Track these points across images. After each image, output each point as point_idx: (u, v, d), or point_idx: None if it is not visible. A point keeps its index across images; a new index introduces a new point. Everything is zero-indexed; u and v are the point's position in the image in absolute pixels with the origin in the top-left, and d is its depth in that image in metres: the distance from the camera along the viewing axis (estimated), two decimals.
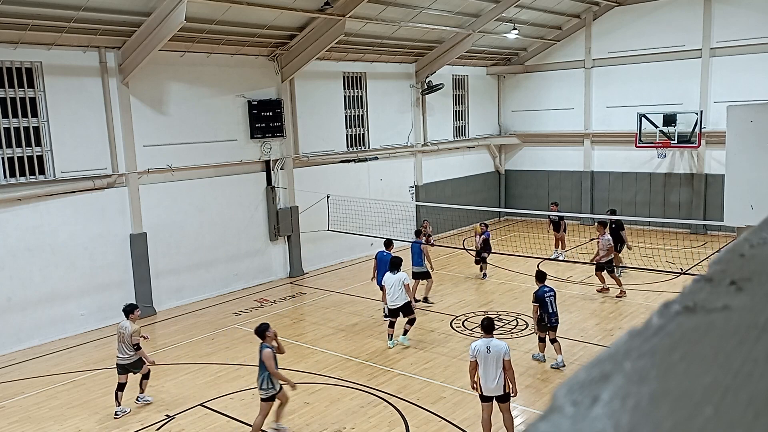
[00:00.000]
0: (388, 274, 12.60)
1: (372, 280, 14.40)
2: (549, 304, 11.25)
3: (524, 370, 11.22)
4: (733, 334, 0.63)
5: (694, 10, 21.23)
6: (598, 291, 15.63)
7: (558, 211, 18.95)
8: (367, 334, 13.45)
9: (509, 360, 8.53)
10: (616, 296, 15.21)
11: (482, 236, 17.00)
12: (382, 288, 13.12)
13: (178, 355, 12.61)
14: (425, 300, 15.11)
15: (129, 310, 10.39)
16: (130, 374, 10.34)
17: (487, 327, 8.76)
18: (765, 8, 19.94)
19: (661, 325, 0.67)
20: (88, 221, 14.22)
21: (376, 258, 14.32)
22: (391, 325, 12.63)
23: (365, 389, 10.72)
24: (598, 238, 15.50)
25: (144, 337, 10.57)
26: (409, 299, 12.47)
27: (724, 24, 20.77)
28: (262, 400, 9.03)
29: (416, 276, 15.05)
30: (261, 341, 9.06)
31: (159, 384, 11.26)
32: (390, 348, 12.50)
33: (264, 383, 8.92)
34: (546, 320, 11.29)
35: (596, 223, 16.62)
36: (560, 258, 18.44)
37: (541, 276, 11.66)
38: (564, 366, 11.25)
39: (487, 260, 17.42)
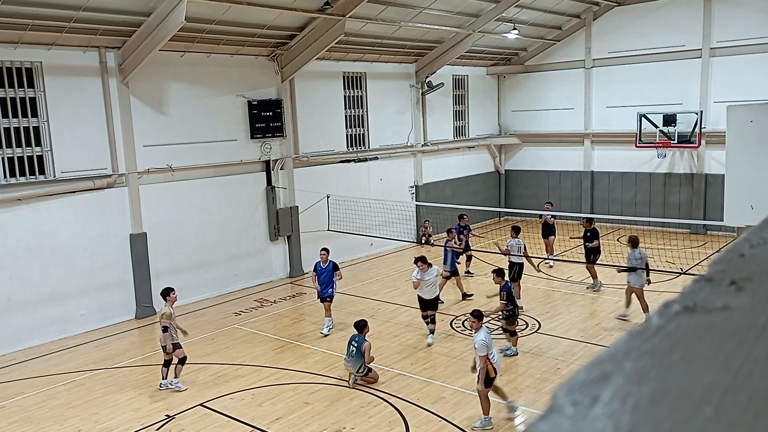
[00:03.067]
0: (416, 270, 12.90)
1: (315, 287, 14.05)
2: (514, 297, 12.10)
3: (524, 370, 11.22)
4: (733, 334, 0.63)
5: (694, 10, 21.23)
6: (587, 288, 15.98)
7: (551, 212, 18.80)
8: (366, 334, 13.42)
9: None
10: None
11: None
12: (323, 300, 13.67)
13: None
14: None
15: (164, 294, 11.08)
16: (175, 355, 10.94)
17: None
18: (765, 8, 19.94)
19: (661, 325, 0.67)
20: (88, 221, 14.22)
21: (315, 270, 14.03)
22: (429, 319, 12.94)
23: (365, 389, 10.72)
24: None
25: (182, 331, 11.06)
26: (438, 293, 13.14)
27: (724, 24, 20.77)
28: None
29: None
30: (359, 334, 10.98)
31: (159, 384, 11.26)
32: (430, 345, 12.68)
33: (361, 369, 10.80)
34: (513, 313, 11.87)
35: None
36: (550, 264, 18.21)
37: (501, 272, 12.07)
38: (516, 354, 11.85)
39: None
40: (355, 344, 10.84)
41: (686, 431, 0.51)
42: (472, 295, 15.52)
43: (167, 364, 10.95)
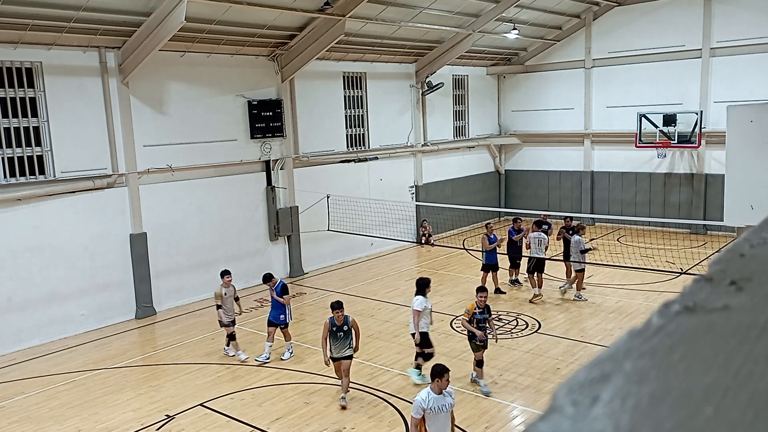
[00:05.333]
0: (421, 299, 10.95)
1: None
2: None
3: (524, 370, 11.22)
4: (733, 334, 0.63)
5: (694, 10, 21.23)
6: (531, 301, 15.08)
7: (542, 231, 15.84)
8: (367, 334, 13.44)
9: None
10: (530, 300, 15.06)
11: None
12: (270, 324, 12.12)
13: (178, 355, 12.61)
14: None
15: (221, 275, 12.43)
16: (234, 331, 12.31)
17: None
18: (765, 8, 19.94)
19: (661, 325, 0.67)
20: (88, 221, 14.22)
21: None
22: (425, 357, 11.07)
23: (365, 389, 10.72)
24: (526, 233, 15.62)
25: (239, 308, 12.48)
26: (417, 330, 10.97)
27: (724, 24, 20.77)
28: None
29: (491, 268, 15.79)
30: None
31: (159, 384, 11.27)
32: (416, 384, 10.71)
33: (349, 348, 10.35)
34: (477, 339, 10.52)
35: (533, 223, 15.87)
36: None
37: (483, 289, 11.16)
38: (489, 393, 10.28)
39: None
40: (345, 325, 10.23)
41: (686, 431, 0.51)
42: (505, 292, 15.95)
43: (232, 337, 12.31)
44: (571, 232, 15.27)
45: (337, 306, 10.39)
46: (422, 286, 10.98)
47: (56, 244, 13.74)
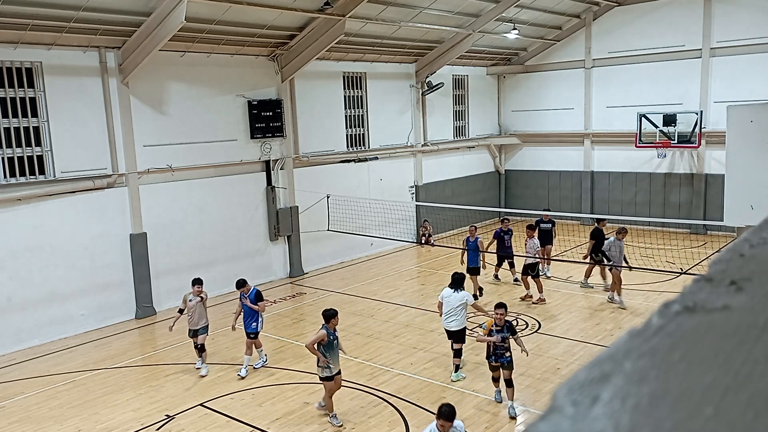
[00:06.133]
0: (447, 290, 11.19)
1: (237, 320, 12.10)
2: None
3: (524, 370, 11.21)
4: (733, 334, 0.63)
5: (694, 10, 21.23)
6: (521, 299, 15.11)
7: (549, 221, 17.04)
8: (367, 334, 13.45)
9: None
10: (534, 302, 14.88)
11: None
12: (249, 336, 11.65)
13: (178, 355, 12.61)
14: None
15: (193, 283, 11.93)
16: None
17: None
18: (765, 8, 19.94)
19: (661, 325, 0.67)
20: (88, 221, 14.22)
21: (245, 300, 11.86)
22: (457, 354, 11.12)
23: (365, 389, 10.72)
24: (525, 241, 15.30)
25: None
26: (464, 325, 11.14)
27: (724, 24, 20.77)
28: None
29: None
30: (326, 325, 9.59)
31: (159, 384, 11.27)
32: (453, 381, 10.91)
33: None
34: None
35: (526, 227, 15.78)
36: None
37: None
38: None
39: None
40: (334, 338, 9.59)
41: (686, 431, 0.51)
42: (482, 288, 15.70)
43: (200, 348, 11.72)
44: (612, 237, 14.49)
45: (334, 314, 9.60)
46: (456, 281, 11.19)
47: (56, 244, 13.73)
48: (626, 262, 14.54)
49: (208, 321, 11.89)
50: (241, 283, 11.76)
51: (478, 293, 15.14)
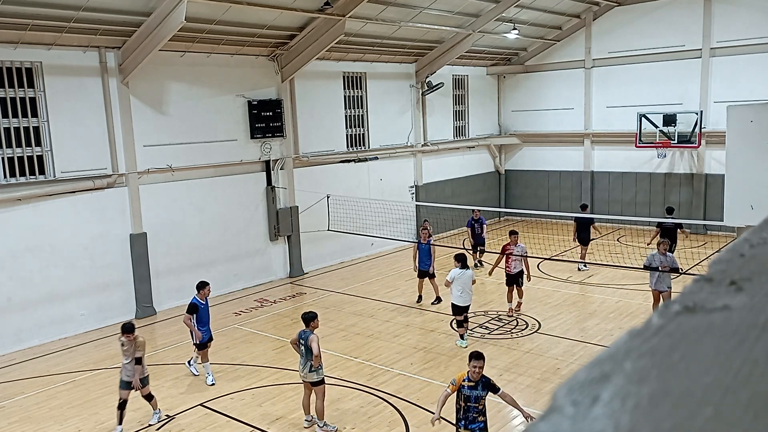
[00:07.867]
0: (456, 270, 12.19)
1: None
2: None
3: (524, 370, 11.22)
4: (733, 334, 0.63)
5: (694, 10, 21.23)
6: (509, 315, 14.16)
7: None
8: (367, 334, 13.45)
9: None
10: (515, 308, 14.30)
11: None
12: (203, 345, 11.25)
13: (178, 355, 12.61)
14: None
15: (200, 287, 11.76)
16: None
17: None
18: (765, 8, 19.94)
19: (661, 325, 0.67)
20: (88, 221, 14.22)
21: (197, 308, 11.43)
22: (460, 324, 12.57)
23: (365, 389, 10.72)
24: (508, 245, 14.19)
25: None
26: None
27: (724, 24, 20.77)
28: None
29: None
30: (305, 329, 9.40)
31: (159, 384, 11.26)
32: (463, 347, 12.14)
33: (310, 370, 9.32)
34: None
35: (509, 233, 14.69)
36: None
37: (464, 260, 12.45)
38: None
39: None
40: (303, 341, 9.32)
41: (686, 431, 0.51)
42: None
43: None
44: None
45: (314, 316, 9.46)
46: (463, 260, 12.33)
47: (56, 244, 13.73)
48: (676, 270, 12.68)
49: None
50: (201, 285, 11.63)
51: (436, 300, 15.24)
